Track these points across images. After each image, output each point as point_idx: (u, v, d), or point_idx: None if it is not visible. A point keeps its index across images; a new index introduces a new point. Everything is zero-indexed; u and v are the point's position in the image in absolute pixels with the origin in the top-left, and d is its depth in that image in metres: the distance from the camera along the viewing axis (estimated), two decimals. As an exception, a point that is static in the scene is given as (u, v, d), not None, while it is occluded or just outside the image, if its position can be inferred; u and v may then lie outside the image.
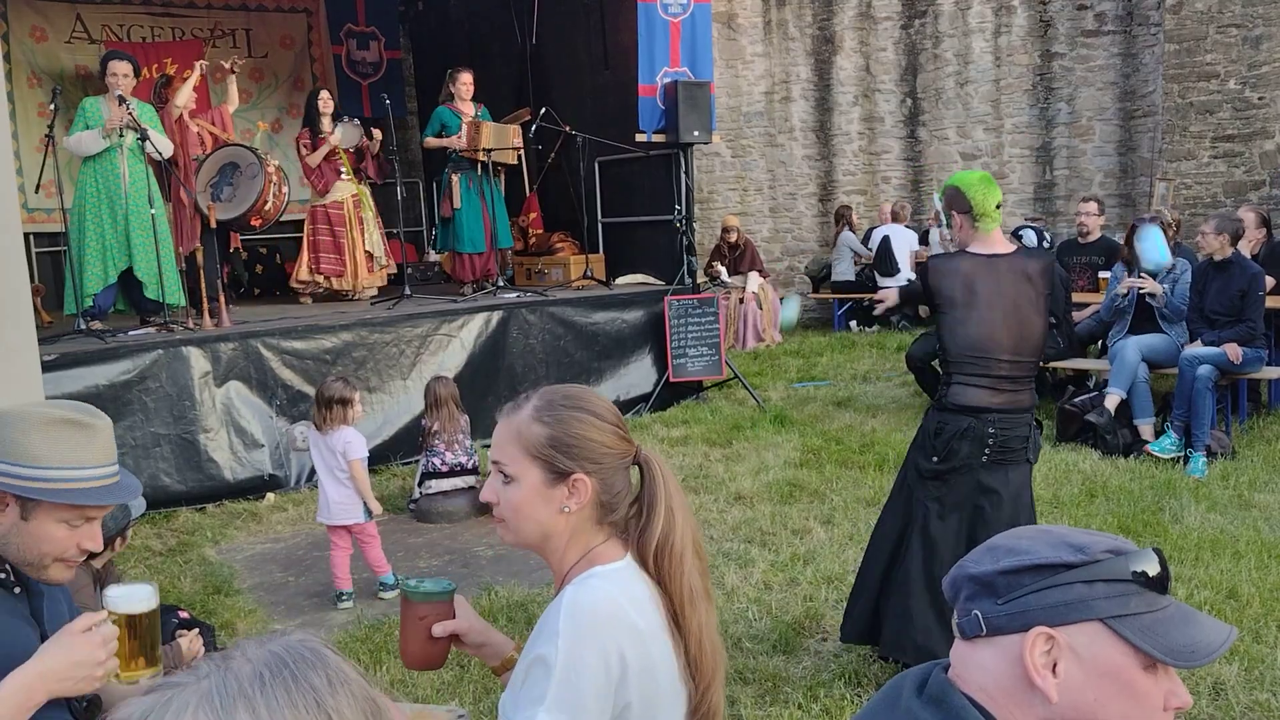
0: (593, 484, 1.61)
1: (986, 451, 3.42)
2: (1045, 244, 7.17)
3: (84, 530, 1.83)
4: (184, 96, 7.45)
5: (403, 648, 1.83)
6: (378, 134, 8.44)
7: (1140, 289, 6.40)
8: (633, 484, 1.69)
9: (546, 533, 1.64)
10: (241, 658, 0.80)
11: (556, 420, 1.62)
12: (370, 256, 8.51)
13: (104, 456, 1.83)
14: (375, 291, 8.69)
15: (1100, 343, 7.38)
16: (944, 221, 3.62)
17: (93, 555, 3.51)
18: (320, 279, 8.46)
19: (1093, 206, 7.83)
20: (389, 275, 8.84)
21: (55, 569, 1.84)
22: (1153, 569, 1.09)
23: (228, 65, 7.83)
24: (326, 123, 8.27)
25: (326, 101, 8.34)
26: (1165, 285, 6.56)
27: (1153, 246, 3.76)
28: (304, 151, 8.29)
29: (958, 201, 3.48)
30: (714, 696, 1.64)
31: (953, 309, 3.47)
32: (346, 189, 8.41)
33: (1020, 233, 7.15)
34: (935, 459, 3.50)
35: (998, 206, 3.47)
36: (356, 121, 8.49)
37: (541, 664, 1.51)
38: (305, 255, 8.49)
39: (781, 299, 3.21)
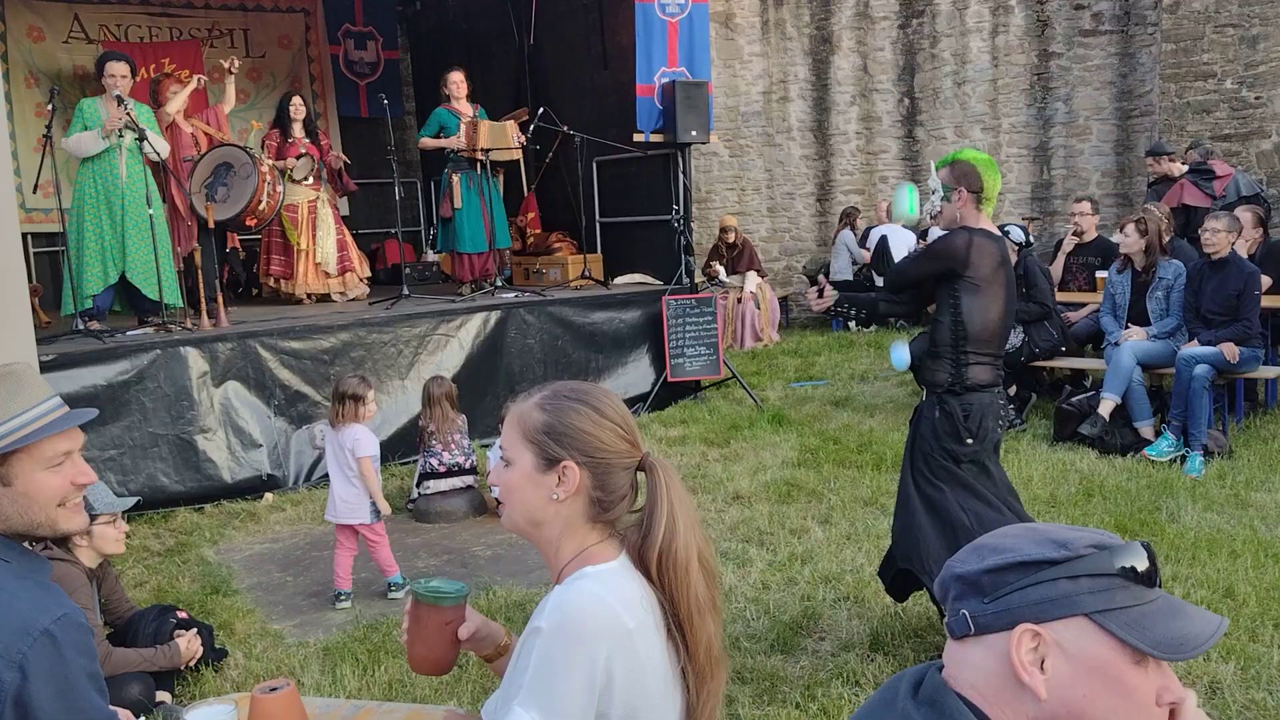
0: (582, 475, 1.63)
1: (1000, 424, 3.62)
2: (1027, 243, 7.15)
3: (69, 467, 1.82)
4: (176, 104, 7.45)
5: (419, 654, 1.80)
6: (335, 159, 8.54)
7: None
8: (639, 490, 1.70)
9: (536, 519, 1.67)
10: None
11: (555, 409, 1.66)
12: (318, 266, 8.49)
13: (43, 393, 1.81)
14: (368, 291, 8.71)
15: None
16: (943, 194, 3.55)
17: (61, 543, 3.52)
18: (270, 281, 8.53)
19: (1086, 207, 7.84)
20: (362, 280, 8.84)
21: (62, 516, 1.82)
22: (1140, 563, 1.09)
23: (226, 65, 7.83)
24: (297, 129, 8.32)
25: (299, 108, 8.38)
26: (1160, 294, 6.57)
27: (903, 200, 3.82)
28: (269, 155, 8.28)
29: (971, 179, 3.51)
30: (712, 703, 1.65)
31: (986, 287, 3.48)
32: (304, 193, 8.43)
33: (1007, 229, 7.15)
34: (970, 440, 3.53)
35: (997, 193, 3.65)
36: (310, 152, 8.44)
37: (524, 662, 1.53)
38: (260, 256, 8.59)
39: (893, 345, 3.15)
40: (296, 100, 8.43)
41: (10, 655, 1.58)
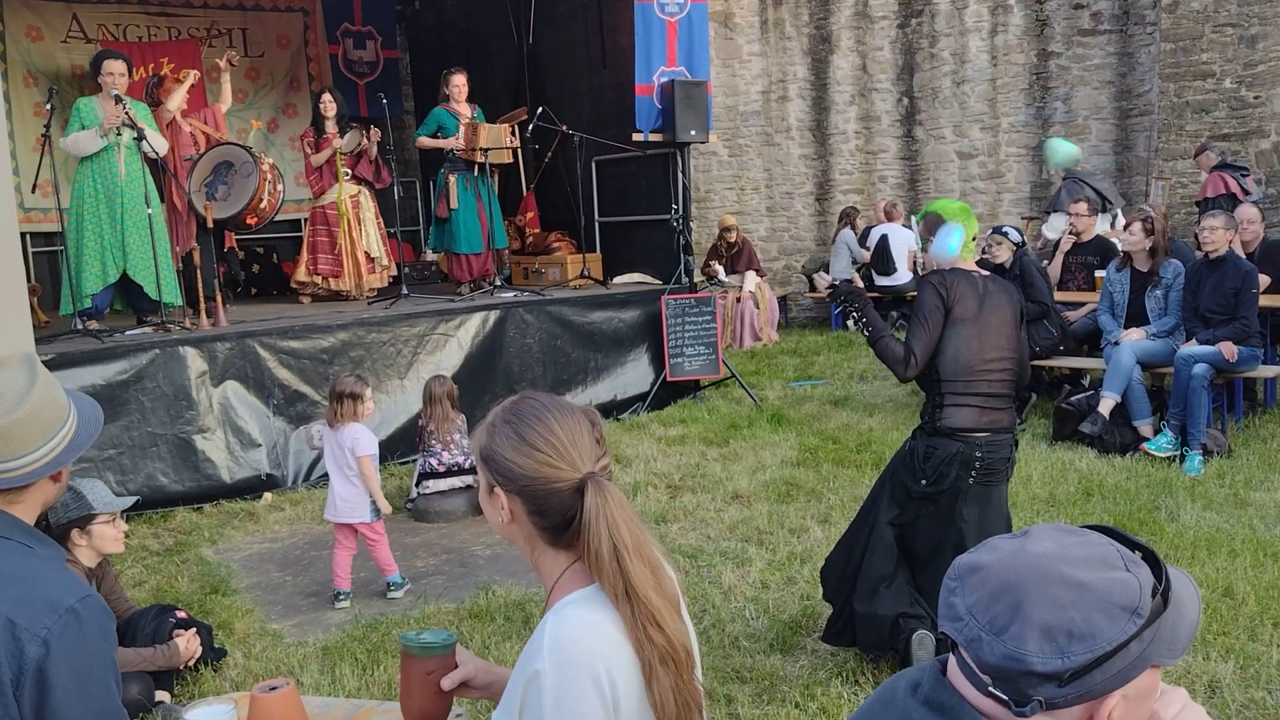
0: (512, 501, 1.57)
1: (973, 474, 3.55)
2: (1022, 244, 7.14)
3: None
4: (176, 101, 7.44)
5: (404, 703, 1.76)
6: (375, 133, 8.45)
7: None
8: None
9: (505, 536, 1.64)
10: None
11: (492, 432, 1.61)
12: (370, 258, 8.51)
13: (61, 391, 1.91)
14: (375, 291, 8.70)
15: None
16: (921, 245, 3.75)
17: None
18: (318, 280, 8.48)
19: (1083, 207, 7.84)
20: (390, 276, 8.82)
21: None
22: (1159, 578, 1.11)
23: (223, 61, 7.82)
24: (330, 125, 8.30)
25: (328, 105, 8.35)
26: (1159, 293, 6.59)
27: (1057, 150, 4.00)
28: (308, 151, 8.32)
29: (938, 229, 3.65)
30: None
31: (958, 326, 3.53)
32: (345, 190, 8.41)
33: (1005, 230, 7.16)
34: (924, 482, 3.58)
35: (974, 238, 3.69)
36: (358, 126, 8.48)
37: (537, 712, 1.45)
38: (304, 256, 8.51)
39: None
40: (326, 97, 8.42)
41: (35, 629, 1.61)
